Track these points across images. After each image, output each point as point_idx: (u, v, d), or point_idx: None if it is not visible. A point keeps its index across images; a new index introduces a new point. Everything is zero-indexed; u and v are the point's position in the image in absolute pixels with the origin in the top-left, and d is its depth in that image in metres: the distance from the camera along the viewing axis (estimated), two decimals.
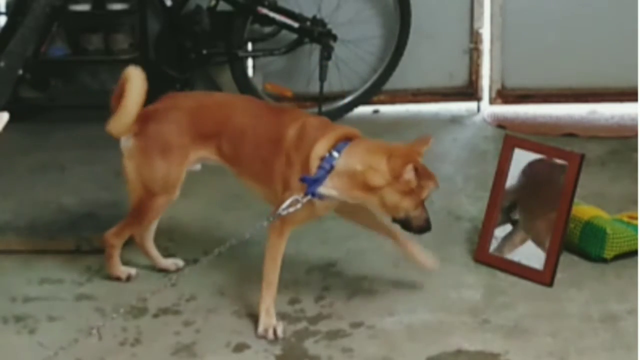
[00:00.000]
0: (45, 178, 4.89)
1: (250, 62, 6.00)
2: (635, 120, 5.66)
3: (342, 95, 5.90)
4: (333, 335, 3.37)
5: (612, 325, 3.40)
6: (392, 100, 6.07)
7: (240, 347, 3.31)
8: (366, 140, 3.36)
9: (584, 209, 3.97)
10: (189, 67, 5.69)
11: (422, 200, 3.28)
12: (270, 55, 5.85)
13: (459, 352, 3.26)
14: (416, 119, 5.88)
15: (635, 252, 3.86)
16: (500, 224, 3.89)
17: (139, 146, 3.53)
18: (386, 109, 6.06)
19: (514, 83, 6.08)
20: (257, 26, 5.76)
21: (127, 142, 3.55)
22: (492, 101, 6.09)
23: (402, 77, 5.96)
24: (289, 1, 5.74)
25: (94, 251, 3.97)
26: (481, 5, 6.00)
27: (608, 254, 3.84)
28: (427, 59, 6.02)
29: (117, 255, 3.72)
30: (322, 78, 5.65)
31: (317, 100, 5.65)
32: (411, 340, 3.34)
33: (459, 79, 6.11)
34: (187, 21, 5.66)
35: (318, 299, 3.59)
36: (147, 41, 5.77)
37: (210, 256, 3.25)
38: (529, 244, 3.81)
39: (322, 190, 3.24)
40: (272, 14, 5.62)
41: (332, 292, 3.67)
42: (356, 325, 3.41)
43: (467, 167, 5.00)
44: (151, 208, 3.58)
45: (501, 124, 5.76)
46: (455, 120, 5.88)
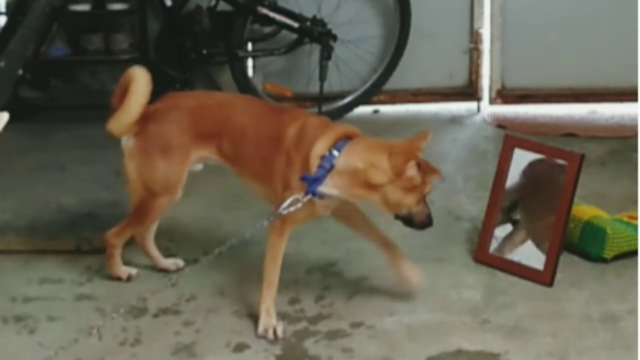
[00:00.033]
0: (45, 178, 4.89)
1: (250, 62, 6.00)
2: (635, 120, 5.66)
3: (342, 95, 5.90)
4: (333, 335, 3.37)
5: (612, 325, 3.40)
6: (392, 100, 6.07)
7: (240, 347, 3.31)
8: (366, 138, 3.36)
9: (584, 209, 3.97)
10: (189, 67, 5.69)
11: (424, 196, 3.28)
12: (270, 55, 5.85)
13: (459, 352, 3.26)
14: (416, 119, 5.88)
15: (635, 252, 3.86)
16: (500, 224, 3.90)
17: (140, 146, 3.53)
18: (386, 109, 6.06)
19: (514, 83, 6.08)
20: (257, 26, 5.76)
21: (127, 142, 3.55)
22: (492, 101, 6.09)
23: (402, 77, 5.96)
24: (289, 1, 5.74)
25: (94, 251, 3.97)
26: (481, 5, 6.00)
27: (608, 254, 3.84)
28: (427, 59, 6.02)
29: (118, 255, 3.72)
30: (322, 78, 5.65)
31: (317, 100, 5.65)
32: (411, 340, 3.34)
33: (459, 79, 6.11)
34: (187, 21, 5.66)
35: (318, 299, 3.59)
36: (147, 41, 5.77)
37: (211, 256, 3.25)
38: (529, 243, 3.81)
39: (322, 189, 3.24)
40: (272, 14, 5.62)
41: (332, 292, 3.67)
42: (356, 325, 3.41)
43: (467, 167, 5.00)
44: (153, 208, 3.58)
45: (501, 124, 5.76)
46: (455, 120, 5.88)
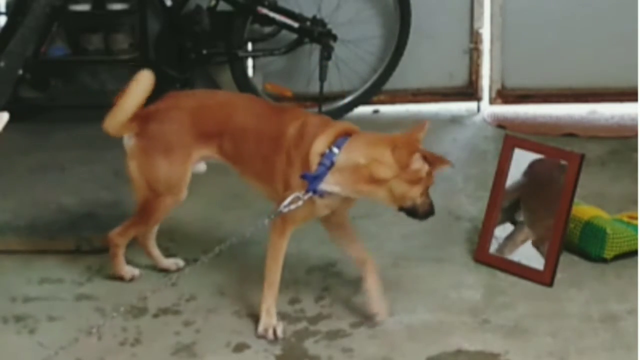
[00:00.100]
0: (45, 178, 4.89)
1: (250, 62, 6.00)
2: (635, 120, 5.66)
3: (342, 95, 5.90)
4: (333, 335, 3.37)
5: (612, 325, 3.40)
6: (392, 100, 6.07)
7: (240, 347, 3.31)
8: (365, 134, 3.36)
9: (584, 209, 3.97)
10: (189, 67, 5.69)
11: (428, 187, 3.29)
12: (270, 55, 5.85)
13: (459, 352, 3.26)
14: (416, 119, 5.86)
15: (635, 252, 3.86)
16: (500, 224, 3.90)
17: (140, 146, 3.53)
18: (386, 109, 6.06)
19: (514, 83, 6.08)
20: (257, 26, 5.76)
21: (129, 142, 3.55)
22: (492, 101, 6.09)
23: (402, 77, 5.96)
24: (289, 1, 5.74)
25: (94, 251, 3.98)
26: (481, 5, 6.00)
27: (608, 254, 3.84)
28: (427, 59, 6.02)
29: (122, 254, 3.72)
30: (322, 78, 5.65)
31: (317, 100, 5.65)
32: (411, 340, 3.34)
33: (459, 79, 6.11)
34: (187, 21, 5.66)
35: (318, 299, 3.59)
36: (147, 41, 5.77)
37: (211, 254, 3.24)
38: (529, 243, 3.81)
39: (323, 187, 3.24)
40: (272, 14, 5.62)
41: (332, 292, 3.67)
42: (356, 325, 3.41)
43: (467, 167, 5.00)
44: (157, 208, 3.58)
45: (501, 124, 5.76)
46: (455, 120, 5.88)
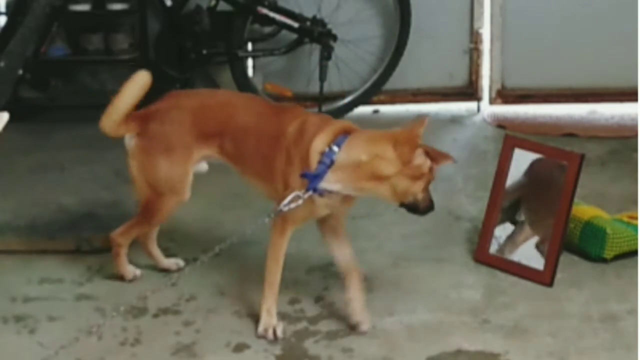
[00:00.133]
0: (45, 178, 4.88)
1: (250, 62, 6.00)
2: (635, 120, 5.67)
3: (342, 95, 5.90)
4: (333, 335, 3.37)
5: (612, 325, 3.40)
6: (392, 100, 6.07)
7: (240, 347, 3.31)
8: (365, 131, 3.36)
9: (584, 209, 3.97)
10: (189, 67, 5.69)
11: (430, 182, 3.29)
12: (270, 55, 5.85)
13: (459, 352, 3.26)
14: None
15: (635, 252, 3.86)
16: (500, 224, 3.90)
17: (141, 146, 3.53)
18: (386, 109, 6.06)
19: (514, 83, 6.08)
20: (257, 26, 5.76)
21: (130, 142, 3.55)
22: (492, 101, 6.09)
23: (402, 77, 5.96)
24: (289, 1, 5.74)
25: (94, 251, 3.98)
26: (481, 5, 6.01)
27: (608, 254, 3.84)
28: (427, 59, 6.02)
29: (124, 254, 3.72)
30: (322, 78, 5.66)
31: (317, 100, 5.65)
32: (411, 340, 3.34)
33: (459, 79, 6.11)
34: (187, 21, 5.66)
35: (318, 299, 3.59)
36: (147, 41, 5.77)
37: (211, 253, 3.23)
38: (530, 243, 3.81)
39: (324, 185, 3.24)
40: (272, 14, 5.62)
41: (332, 292, 3.67)
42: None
43: (467, 167, 5.00)
44: (159, 209, 3.57)
45: (501, 124, 5.76)
46: (455, 120, 5.88)
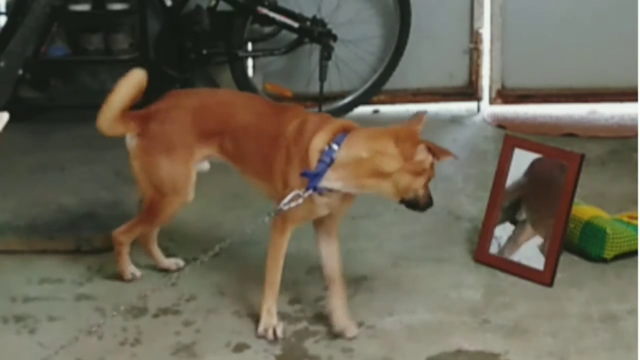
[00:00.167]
0: (45, 178, 4.88)
1: (250, 62, 6.00)
2: (635, 120, 5.67)
3: (342, 95, 5.90)
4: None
5: (612, 325, 3.40)
6: (392, 100, 6.07)
7: (240, 347, 3.31)
8: (364, 129, 3.36)
9: (584, 209, 3.97)
10: (189, 67, 5.69)
11: (430, 179, 3.29)
12: (270, 55, 5.85)
13: (459, 352, 3.26)
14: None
15: (635, 252, 3.86)
16: (500, 224, 3.90)
17: (142, 146, 3.53)
18: (386, 109, 6.06)
19: (514, 83, 6.08)
20: (257, 26, 5.76)
21: (131, 142, 3.55)
22: (492, 101, 6.09)
23: (402, 77, 5.96)
24: (289, 1, 5.74)
25: (94, 251, 3.98)
26: (481, 5, 6.01)
27: (608, 254, 3.84)
28: (427, 59, 6.02)
29: (127, 253, 3.71)
30: (322, 78, 5.66)
31: (317, 100, 5.65)
32: (411, 340, 3.34)
33: (459, 79, 6.11)
34: (187, 21, 5.66)
35: (318, 299, 3.59)
36: (147, 41, 5.77)
37: (211, 253, 3.23)
38: (530, 243, 3.81)
39: (324, 184, 3.24)
40: (272, 14, 5.62)
41: None
42: (356, 325, 3.41)
43: (467, 167, 5.00)
44: (163, 209, 3.57)
45: (501, 124, 5.76)
46: (455, 120, 5.88)
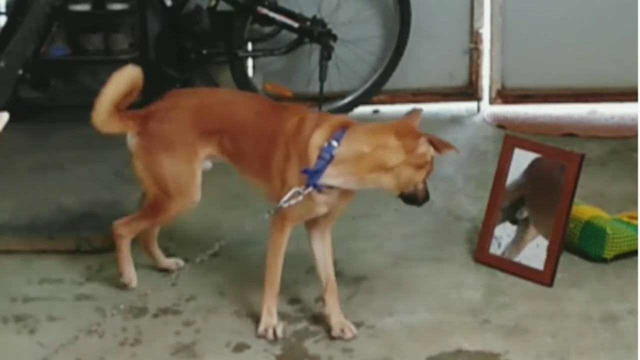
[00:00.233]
0: (45, 178, 4.88)
1: (250, 62, 6.00)
2: (635, 120, 5.67)
3: (342, 95, 5.90)
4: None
5: (612, 325, 3.40)
6: (392, 100, 6.07)
7: (240, 347, 3.31)
8: (363, 125, 3.36)
9: (584, 209, 3.97)
10: (189, 67, 5.70)
11: (429, 173, 3.29)
12: (270, 55, 5.85)
13: (459, 352, 3.26)
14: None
15: (635, 252, 3.86)
16: (500, 223, 3.89)
17: (142, 145, 3.53)
18: (386, 109, 6.05)
19: (514, 83, 6.08)
20: (257, 26, 5.76)
21: (131, 141, 3.55)
22: (492, 101, 6.09)
23: (402, 77, 5.96)
24: (289, 1, 5.74)
25: (94, 251, 3.98)
26: (481, 5, 6.01)
27: (608, 254, 3.84)
28: (427, 59, 6.02)
29: (127, 249, 3.67)
30: (322, 78, 5.66)
31: (317, 100, 5.65)
32: (411, 340, 3.34)
33: (459, 79, 6.11)
34: (187, 21, 5.66)
35: (318, 299, 3.58)
36: (147, 41, 5.77)
37: (211, 251, 3.22)
38: (531, 243, 3.81)
39: (325, 180, 3.24)
40: (272, 14, 5.62)
41: None
42: (356, 325, 3.41)
43: (467, 167, 5.00)
44: (167, 209, 3.54)
45: (501, 124, 5.76)
46: (455, 120, 5.88)
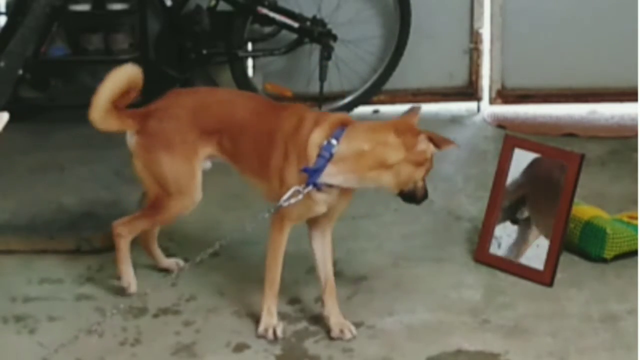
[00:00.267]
0: (45, 178, 4.88)
1: (250, 62, 6.00)
2: (635, 120, 5.67)
3: (342, 95, 5.90)
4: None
5: (612, 325, 3.40)
6: (392, 100, 6.06)
7: (240, 347, 3.31)
8: (362, 122, 3.37)
9: (584, 209, 3.97)
10: (189, 67, 5.70)
11: (429, 170, 3.29)
12: (270, 55, 5.85)
13: (459, 352, 3.26)
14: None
15: (635, 252, 3.86)
16: (500, 223, 3.89)
17: (141, 143, 3.52)
18: (386, 109, 6.05)
19: (514, 83, 6.08)
20: (257, 26, 5.76)
21: (131, 140, 3.55)
22: (492, 101, 6.09)
23: (402, 77, 5.96)
24: (289, 1, 5.74)
25: (94, 251, 3.98)
26: (481, 5, 6.01)
27: (608, 254, 3.84)
28: (427, 59, 6.02)
29: (127, 250, 3.64)
30: (322, 78, 5.66)
31: (317, 100, 5.65)
32: (411, 340, 3.34)
33: (459, 79, 6.11)
34: (187, 21, 5.66)
35: (318, 299, 3.58)
36: (147, 41, 5.77)
37: (211, 249, 3.21)
38: (533, 244, 3.81)
39: (325, 179, 3.23)
40: (272, 14, 5.62)
41: None
42: (356, 325, 3.41)
43: (467, 167, 5.00)
44: (167, 209, 3.53)
45: (501, 124, 5.76)
46: (455, 120, 5.88)
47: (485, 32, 6.03)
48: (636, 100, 5.80)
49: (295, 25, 5.66)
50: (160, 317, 3.52)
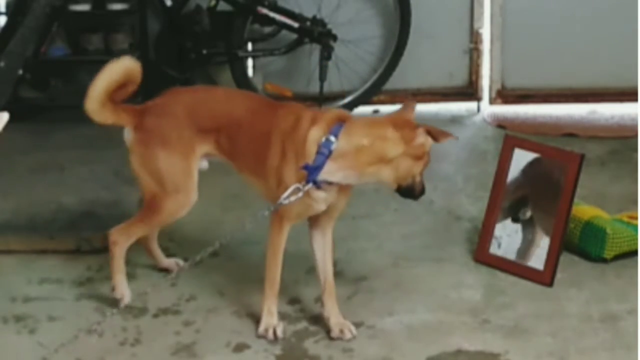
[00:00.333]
0: (45, 178, 4.89)
1: (250, 62, 6.00)
2: (635, 120, 5.67)
3: (342, 95, 5.91)
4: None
5: (612, 325, 3.40)
6: (392, 100, 6.05)
7: (240, 347, 3.31)
8: (359, 118, 3.38)
9: (584, 209, 3.97)
10: (189, 67, 5.70)
11: (427, 165, 3.30)
12: (270, 55, 5.85)
13: (459, 352, 3.26)
14: (416, 118, 5.86)
15: (635, 252, 3.86)
16: (500, 223, 3.89)
17: (138, 139, 3.51)
18: (386, 109, 6.04)
19: (514, 83, 6.08)
20: (257, 26, 5.76)
21: (128, 136, 3.54)
22: (492, 101, 6.10)
23: (402, 77, 5.96)
24: (289, 1, 5.74)
25: (94, 251, 3.98)
26: (481, 5, 6.01)
27: (608, 254, 3.84)
28: (427, 59, 6.02)
29: (121, 257, 3.57)
30: (322, 78, 5.66)
31: (317, 100, 5.65)
32: (411, 340, 3.34)
33: (459, 79, 6.11)
34: (187, 21, 5.66)
35: (318, 299, 3.58)
36: (147, 41, 5.78)
37: (211, 248, 3.21)
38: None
39: (324, 176, 3.23)
40: (272, 14, 5.63)
41: None
42: (356, 325, 3.41)
43: (467, 167, 5.00)
44: (163, 208, 3.50)
45: (501, 124, 5.76)
46: (455, 120, 5.88)
47: (485, 32, 6.04)
48: (636, 100, 5.80)
49: (295, 25, 5.66)
50: (160, 317, 3.52)
